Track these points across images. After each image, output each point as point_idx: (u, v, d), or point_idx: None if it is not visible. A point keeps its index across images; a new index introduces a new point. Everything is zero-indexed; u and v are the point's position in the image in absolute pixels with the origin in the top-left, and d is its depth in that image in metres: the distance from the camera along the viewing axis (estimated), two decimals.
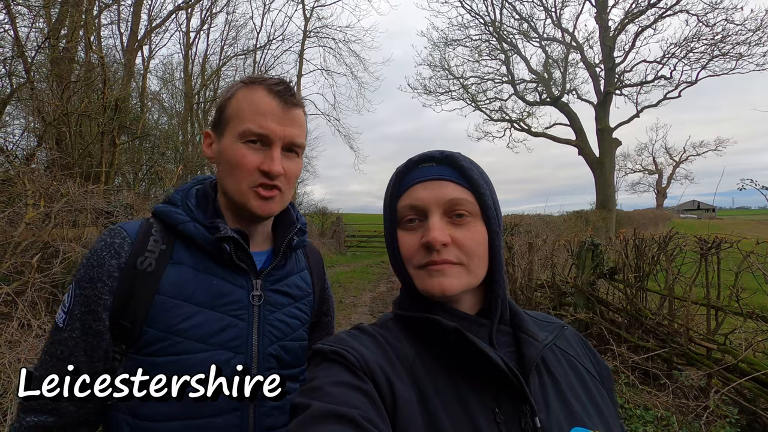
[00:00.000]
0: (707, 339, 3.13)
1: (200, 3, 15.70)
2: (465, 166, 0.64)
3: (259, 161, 0.79)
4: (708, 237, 3.31)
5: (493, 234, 0.63)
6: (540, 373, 0.61)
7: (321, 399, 0.49)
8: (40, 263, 3.41)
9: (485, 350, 0.55)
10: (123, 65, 10.76)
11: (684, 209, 60.78)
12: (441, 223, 0.60)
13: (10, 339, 2.74)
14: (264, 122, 0.79)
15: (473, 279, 0.61)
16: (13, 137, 6.84)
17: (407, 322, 0.65)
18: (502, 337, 0.64)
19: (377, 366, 0.56)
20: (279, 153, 0.80)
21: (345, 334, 0.63)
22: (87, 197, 4.20)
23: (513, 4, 17.06)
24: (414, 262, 0.62)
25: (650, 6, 14.96)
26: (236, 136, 0.80)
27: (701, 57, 14.99)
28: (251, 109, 0.79)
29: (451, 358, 0.59)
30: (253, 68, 18.95)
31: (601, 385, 0.66)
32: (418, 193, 0.63)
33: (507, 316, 0.66)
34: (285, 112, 0.81)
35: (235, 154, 0.79)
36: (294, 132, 0.82)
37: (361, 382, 0.53)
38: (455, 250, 0.60)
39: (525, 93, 18.77)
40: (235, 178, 0.80)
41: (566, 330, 0.71)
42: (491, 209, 0.63)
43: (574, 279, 4.33)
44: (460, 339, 0.57)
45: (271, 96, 0.80)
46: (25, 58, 6.12)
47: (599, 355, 0.73)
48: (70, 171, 5.22)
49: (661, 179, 42.64)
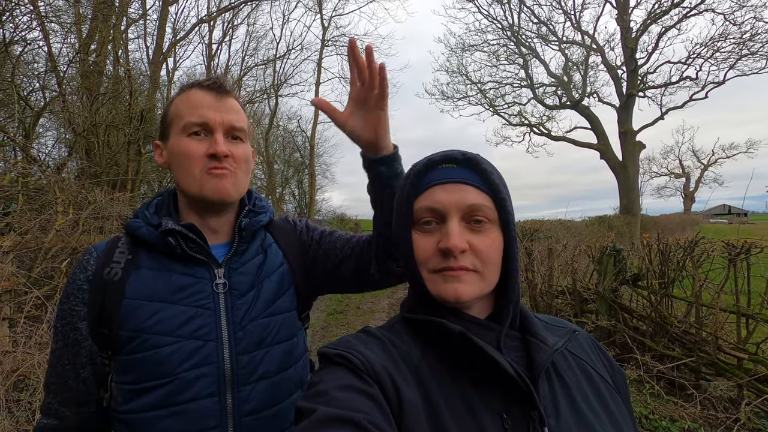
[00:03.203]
0: (738, 348, 3.00)
1: (222, 16, 16.14)
2: (487, 170, 0.62)
3: (204, 148, 0.83)
4: (737, 242, 3.19)
5: (510, 240, 0.62)
6: (550, 378, 0.60)
7: (326, 404, 0.49)
8: (68, 268, 3.54)
9: (492, 354, 0.54)
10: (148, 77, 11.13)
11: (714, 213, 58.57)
12: (460, 229, 0.59)
13: (39, 341, 2.85)
14: (201, 112, 0.84)
15: (487, 286, 0.61)
16: (45, 148, 7.17)
17: (414, 324, 0.64)
18: (511, 341, 0.62)
19: (382, 369, 0.55)
20: (221, 137, 0.84)
21: (351, 337, 0.63)
22: (113, 205, 4.34)
23: (531, 8, 16.92)
24: (429, 266, 0.61)
25: (674, 6, 14.58)
26: (179, 133, 0.85)
27: (729, 56, 14.52)
28: (188, 106, 0.85)
29: (458, 361, 0.58)
30: (273, 77, 19.34)
31: (615, 392, 0.64)
32: (438, 195, 0.61)
33: (516, 321, 0.64)
34: (219, 101, 0.86)
35: (181, 149, 0.84)
36: (232, 117, 0.86)
37: (367, 386, 0.52)
38: (471, 257, 0.59)
39: (544, 97, 18.54)
40: (185, 169, 0.84)
41: (578, 334, 0.69)
42: (510, 215, 0.62)
43: (596, 285, 4.22)
44: (466, 343, 0.56)
45: (204, 90, 0.86)
46: (57, 73, 6.42)
47: (614, 360, 0.71)
48: (98, 179, 5.42)
49: (689, 183, 41.24)
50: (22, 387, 2.76)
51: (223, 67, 18.38)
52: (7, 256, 2.95)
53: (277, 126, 21.28)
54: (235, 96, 0.90)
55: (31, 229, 3.25)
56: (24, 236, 3.12)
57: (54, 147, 7.12)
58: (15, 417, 2.57)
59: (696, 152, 39.31)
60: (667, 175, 41.80)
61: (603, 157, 16.55)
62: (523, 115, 19.18)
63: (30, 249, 3.29)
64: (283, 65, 19.48)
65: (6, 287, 2.92)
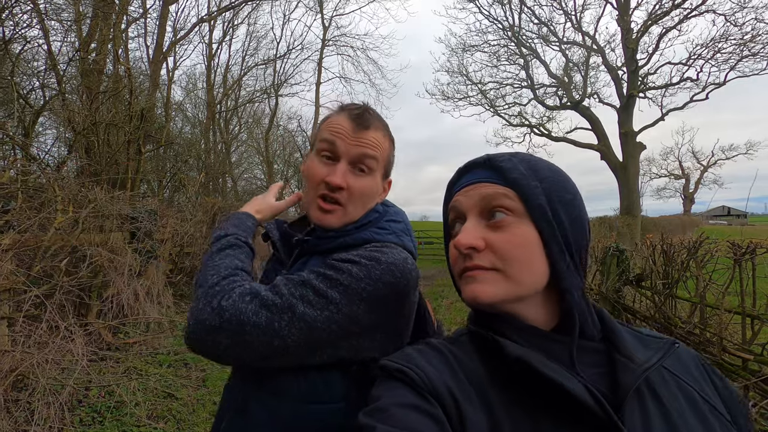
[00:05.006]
0: (743, 349, 2.97)
1: (223, 15, 16.13)
2: (504, 166, 0.58)
3: (324, 174, 0.85)
4: (742, 242, 3.17)
5: (547, 236, 0.55)
6: (642, 400, 0.50)
7: (385, 422, 0.47)
8: (68, 267, 3.52)
9: (557, 380, 0.47)
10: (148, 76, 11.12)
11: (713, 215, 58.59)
12: (473, 226, 0.57)
13: (38, 340, 2.83)
14: (335, 138, 0.86)
15: (515, 287, 0.55)
16: (45, 146, 7.14)
17: (477, 338, 0.59)
18: (588, 356, 0.54)
19: (443, 386, 0.51)
20: (344, 167, 0.85)
21: (412, 350, 0.59)
22: (113, 203, 4.32)
23: (532, 9, 16.90)
24: (456, 271, 0.60)
25: (675, 7, 14.57)
26: (315, 151, 0.89)
27: (730, 57, 14.47)
28: (328, 128, 0.87)
29: (527, 382, 0.51)
30: (273, 77, 19.32)
31: (728, 421, 0.53)
32: (458, 199, 0.61)
33: (592, 331, 0.56)
34: (356, 132, 0.86)
35: (309, 166, 0.89)
36: (362, 150, 0.86)
37: (428, 405, 0.49)
38: (489, 255, 0.55)
39: (545, 97, 18.52)
40: (307, 186, 0.89)
41: (679, 348, 0.58)
42: (542, 207, 0.55)
43: (599, 286, 4.20)
44: (525, 367, 0.49)
45: (348, 119, 0.87)
46: (57, 71, 6.39)
47: (731, 385, 0.59)
48: (98, 178, 5.39)
49: (689, 184, 41.25)
50: (20, 387, 2.73)
51: (223, 67, 18.39)
52: (6, 254, 2.92)
53: (277, 126, 21.25)
54: (379, 128, 0.89)
55: (31, 228, 3.22)
56: (23, 234, 3.09)
57: (54, 145, 7.09)
58: (14, 417, 2.54)
59: (696, 153, 39.36)
60: (667, 176, 41.82)
61: (603, 158, 16.54)
62: (523, 116, 19.17)
63: (29, 247, 3.26)
64: (284, 65, 19.46)
65: (5, 286, 2.89)
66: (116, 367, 3.58)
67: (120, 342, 4.07)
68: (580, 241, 0.57)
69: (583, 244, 0.58)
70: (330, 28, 19.51)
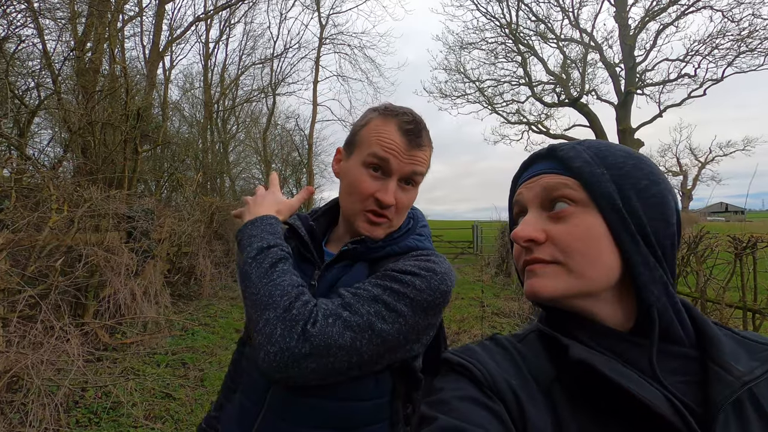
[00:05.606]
0: None
1: (219, 14, 16.07)
2: (567, 155, 0.54)
3: (375, 189, 0.85)
4: (743, 236, 3.16)
5: (615, 226, 0.50)
6: (742, 411, 0.44)
7: (447, 413, 0.46)
8: (63, 267, 3.48)
9: (624, 386, 0.43)
10: (145, 76, 11.06)
11: (711, 212, 58.73)
12: (533, 218, 0.54)
13: (33, 341, 2.79)
14: (387, 154, 0.84)
15: (578, 281, 0.50)
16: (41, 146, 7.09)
17: (544, 337, 0.56)
18: (674, 362, 0.48)
19: (505, 384, 0.49)
20: (395, 185, 0.86)
21: (476, 345, 0.57)
22: (109, 202, 4.28)
23: (529, 6, 16.87)
24: (518, 266, 0.57)
25: (672, 3, 14.58)
26: (361, 161, 0.87)
27: (727, 53, 14.47)
28: (379, 142, 0.85)
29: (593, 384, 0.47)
30: (270, 76, 19.28)
31: None
32: (521, 192, 0.58)
33: (680, 333, 0.50)
34: (409, 150, 0.86)
35: (355, 176, 0.87)
36: (413, 168, 0.87)
37: (489, 401, 0.47)
38: (550, 248, 0.51)
39: (542, 95, 18.50)
40: (351, 198, 0.89)
41: None
42: (608, 195, 0.50)
43: None
44: (589, 370, 0.45)
45: (401, 133, 0.85)
46: (52, 70, 6.34)
47: None
48: (94, 177, 5.35)
49: (686, 181, 41.28)
50: (15, 388, 2.70)
51: (220, 66, 18.33)
52: (0, 253, 2.89)
53: (275, 125, 21.21)
54: (429, 145, 0.90)
55: (25, 227, 3.18)
56: (17, 233, 3.06)
57: (49, 145, 7.04)
58: (8, 419, 2.52)
59: (693, 150, 39.40)
60: (665, 173, 41.74)
61: None
62: (521, 113, 19.15)
63: (23, 247, 3.23)
64: (281, 64, 19.43)
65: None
66: (113, 367, 3.55)
67: (117, 342, 4.04)
68: (661, 230, 0.51)
69: (666, 234, 0.52)
70: (327, 26, 19.49)
